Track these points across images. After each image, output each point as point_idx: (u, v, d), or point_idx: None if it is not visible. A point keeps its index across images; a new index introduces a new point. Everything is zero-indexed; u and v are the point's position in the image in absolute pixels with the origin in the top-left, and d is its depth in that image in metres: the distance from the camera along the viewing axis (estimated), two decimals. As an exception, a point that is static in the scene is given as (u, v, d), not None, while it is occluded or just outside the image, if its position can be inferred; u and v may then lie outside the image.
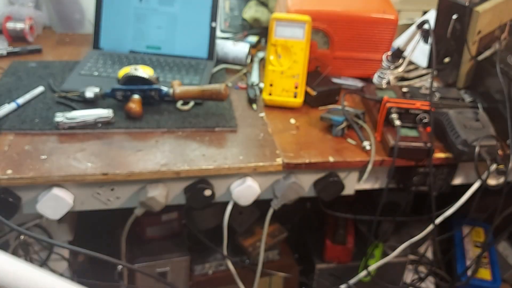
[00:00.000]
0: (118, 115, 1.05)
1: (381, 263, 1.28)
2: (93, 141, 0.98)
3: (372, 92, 1.16)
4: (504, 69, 1.09)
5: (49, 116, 1.02)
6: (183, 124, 1.04)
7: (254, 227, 1.40)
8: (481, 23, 1.12)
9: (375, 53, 1.22)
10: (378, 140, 1.06)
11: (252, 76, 1.26)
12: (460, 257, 1.58)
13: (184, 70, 1.23)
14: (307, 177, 1.03)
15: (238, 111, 1.12)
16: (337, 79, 1.25)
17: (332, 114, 1.07)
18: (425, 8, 1.52)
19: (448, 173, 1.09)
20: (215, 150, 0.98)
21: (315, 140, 1.05)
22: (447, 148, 1.05)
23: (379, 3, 1.21)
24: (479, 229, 1.67)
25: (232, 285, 1.36)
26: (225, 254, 1.16)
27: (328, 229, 1.43)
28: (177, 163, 0.93)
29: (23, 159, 0.91)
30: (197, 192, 0.96)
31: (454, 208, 1.11)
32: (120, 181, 0.93)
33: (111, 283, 1.35)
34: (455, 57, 1.18)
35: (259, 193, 1.00)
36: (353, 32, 1.19)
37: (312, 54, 1.20)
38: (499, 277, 1.56)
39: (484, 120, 1.04)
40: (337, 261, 1.42)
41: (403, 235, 1.44)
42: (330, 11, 1.17)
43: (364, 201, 1.50)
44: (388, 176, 1.04)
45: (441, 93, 1.16)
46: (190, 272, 1.31)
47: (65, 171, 0.89)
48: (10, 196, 0.90)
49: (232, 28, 1.48)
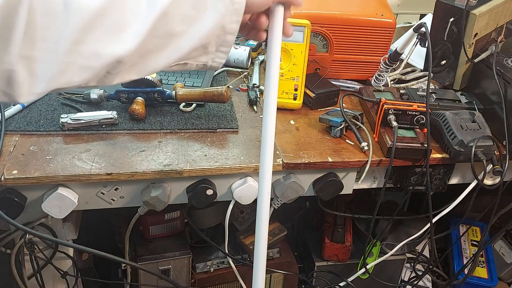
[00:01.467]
0: (122, 116, 1.06)
1: (379, 261, 1.30)
2: (98, 142, 0.99)
3: (370, 94, 1.17)
4: (500, 71, 1.10)
5: (54, 117, 1.04)
6: (185, 125, 1.06)
7: (254, 226, 1.41)
8: (477, 26, 1.13)
9: (373, 55, 1.24)
10: (376, 141, 1.07)
11: (253, 79, 1.27)
12: (457, 255, 1.59)
13: (186, 72, 1.25)
14: (306, 177, 1.05)
15: (239, 112, 1.14)
16: (336, 81, 1.26)
17: (331, 116, 1.09)
18: (422, 11, 1.53)
19: (445, 173, 1.10)
20: (217, 150, 1.00)
21: (314, 140, 1.06)
22: (443, 148, 1.06)
23: (377, 7, 1.22)
24: (475, 228, 1.68)
25: (233, 282, 1.38)
26: (226, 252, 1.18)
27: (327, 228, 1.44)
28: (179, 163, 0.95)
29: (28, 159, 0.92)
30: (199, 191, 0.97)
31: (451, 207, 1.12)
32: (124, 181, 0.95)
33: (115, 281, 1.37)
34: (452, 60, 1.19)
35: (259, 193, 1.02)
36: (352, 35, 1.20)
37: (311, 57, 1.22)
38: (495, 275, 1.57)
39: (480, 121, 1.05)
40: (336, 259, 1.44)
41: (401, 233, 1.46)
42: (329, 15, 1.18)
43: (362, 200, 1.52)
44: (386, 176, 1.05)
45: (438, 94, 1.18)
46: (192, 270, 1.32)
47: (70, 171, 0.90)
48: (15, 195, 0.91)
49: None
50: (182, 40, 0.62)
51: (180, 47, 0.63)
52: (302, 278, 1.47)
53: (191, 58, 0.66)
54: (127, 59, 0.59)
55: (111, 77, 0.60)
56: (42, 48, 0.53)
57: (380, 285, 1.38)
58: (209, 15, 0.62)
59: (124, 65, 0.59)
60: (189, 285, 1.33)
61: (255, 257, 0.76)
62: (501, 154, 1.05)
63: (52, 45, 0.54)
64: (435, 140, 1.09)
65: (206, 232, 1.36)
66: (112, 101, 1.11)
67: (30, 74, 0.54)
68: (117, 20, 0.56)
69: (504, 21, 1.24)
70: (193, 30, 0.62)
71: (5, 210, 0.87)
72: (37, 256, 1.05)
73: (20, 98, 0.55)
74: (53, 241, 1.04)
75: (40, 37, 0.53)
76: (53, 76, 0.55)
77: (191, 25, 0.62)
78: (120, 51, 0.57)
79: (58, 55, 0.54)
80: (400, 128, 1.04)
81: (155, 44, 0.60)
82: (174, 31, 0.61)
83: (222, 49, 0.67)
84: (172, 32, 0.61)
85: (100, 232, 1.38)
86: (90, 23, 0.54)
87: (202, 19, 0.62)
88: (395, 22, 1.20)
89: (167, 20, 0.59)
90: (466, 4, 1.10)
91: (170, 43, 0.62)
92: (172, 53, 0.63)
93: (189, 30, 0.62)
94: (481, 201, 1.21)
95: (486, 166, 1.02)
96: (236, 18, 0.65)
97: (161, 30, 0.60)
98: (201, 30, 0.63)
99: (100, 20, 0.55)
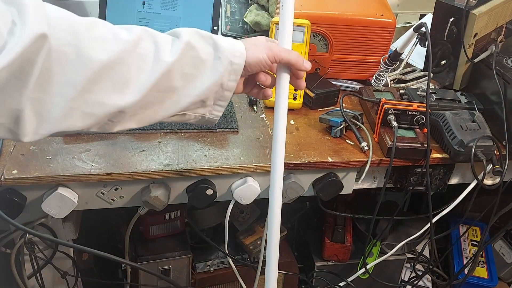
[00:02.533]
0: (121, 116, 1.06)
1: (379, 261, 1.30)
2: (97, 142, 0.99)
3: (370, 94, 1.17)
4: (500, 71, 1.10)
5: (54, 117, 1.04)
6: (185, 125, 1.05)
7: (254, 226, 1.42)
8: (477, 26, 1.13)
9: (373, 55, 1.24)
10: (375, 141, 1.07)
11: (253, 78, 1.27)
12: (457, 255, 1.59)
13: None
14: (306, 177, 1.05)
15: (239, 112, 1.14)
16: (336, 81, 1.26)
17: (330, 116, 1.09)
18: (422, 11, 1.53)
19: (445, 173, 1.10)
20: (217, 150, 1.00)
21: (314, 141, 1.06)
22: (443, 148, 1.06)
23: (377, 7, 1.23)
24: (475, 228, 1.69)
25: (233, 282, 1.38)
26: (226, 252, 1.18)
27: (327, 228, 1.45)
28: (179, 163, 0.95)
29: (28, 159, 0.92)
30: (199, 191, 0.97)
31: (451, 207, 1.12)
32: (123, 180, 0.95)
33: (115, 281, 1.37)
34: (452, 60, 1.19)
35: (259, 193, 1.02)
36: (352, 35, 1.20)
37: (311, 57, 1.22)
38: (495, 275, 1.57)
39: (480, 121, 1.05)
40: (336, 259, 1.44)
41: (401, 233, 1.46)
42: (329, 15, 1.18)
43: (362, 200, 1.52)
44: (386, 176, 1.05)
45: (438, 94, 1.18)
46: (192, 270, 1.33)
47: (70, 171, 0.90)
48: (15, 195, 0.91)
49: (233, 31, 1.49)
50: (182, 95, 0.66)
51: (179, 101, 0.67)
52: (302, 278, 1.47)
53: (189, 109, 0.70)
54: (129, 110, 0.62)
55: (112, 125, 0.64)
56: (52, 92, 0.56)
57: (380, 285, 1.38)
58: (208, 74, 0.67)
59: (126, 115, 0.63)
60: (189, 285, 1.33)
61: (268, 253, 0.85)
62: (501, 154, 1.05)
63: (61, 90, 0.57)
64: (435, 140, 1.09)
65: (206, 232, 1.36)
66: (112, 101, 1.11)
67: (36, 115, 0.57)
68: (123, 74, 0.60)
69: (504, 21, 1.24)
70: (193, 87, 0.67)
71: (5, 210, 0.87)
72: (37, 256, 1.05)
73: (25, 137, 0.58)
74: (53, 241, 1.04)
75: (52, 82, 0.56)
76: (57, 119, 0.58)
77: (191, 82, 0.66)
78: (123, 102, 0.61)
79: (65, 100, 0.57)
80: (400, 128, 1.04)
81: (156, 97, 0.64)
82: (174, 86, 0.65)
83: (219, 103, 0.72)
84: (173, 88, 0.65)
85: (100, 232, 1.38)
86: (98, 75, 0.58)
87: (201, 77, 0.67)
88: (395, 22, 1.20)
89: (169, 76, 0.63)
90: (466, 4, 1.10)
91: (170, 97, 0.66)
92: (172, 106, 0.67)
93: (189, 86, 0.66)
94: (481, 201, 1.20)
95: (486, 166, 1.02)
96: (234, 77, 0.69)
97: (163, 85, 0.64)
98: (200, 87, 0.67)
99: (107, 73, 0.59)
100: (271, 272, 0.82)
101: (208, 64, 0.67)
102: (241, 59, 0.68)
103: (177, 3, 1.28)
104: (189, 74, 0.66)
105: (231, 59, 0.67)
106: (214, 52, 0.67)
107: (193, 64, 0.66)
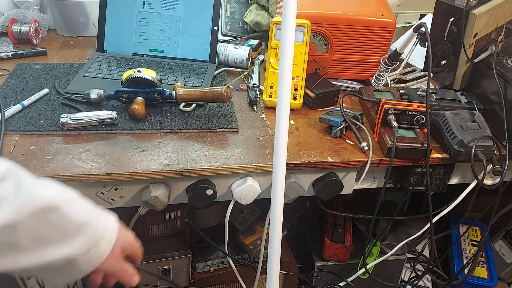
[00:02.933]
0: (122, 116, 1.06)
1: (379, 261, 1.30)
2: (98, 142, 0.99)
3: (370, 94, 1.17)
4: (500, 71, 1.10)
5: (54, 117, 1.04)
6: (185, 125, 1.06)
7: (254, 226, 1.42)
8: (477, 26, 1.13)
9: (373, 55, 1.24)
10: (376, 140, 1.07)
11: (253, 79, 1.27)
12: (457, 255, 1.59)
13: (187, 72, 1.25)
14: (306, 176, 1.05)
15: (239, 112, 1.14)
16: (336, 81, 1.26)
17: (330, 116, 1.09)
18: (422, 11, 1.53)
19: (445, 173, 1.10)
20: (217, 150, 1.00)
21: (314, 140, 1.06)
22: (443, 148, 1.06)
23: (377, 7, 1.23)
24: (475, 228, 1.69)
25: (233, 282, 1.38)
26: (226, 252, 1.18)
27: (327, 228, 1.45)
28: (179, 163, 0.95)
29: (28, 159, 0.92)
30: (199, 191, 0.97)
31: (451, 207, 1.12)
32: (124, 180, 0.95)
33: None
34: (452, 59, 1.19)
35: (259, 193, 1.02)
36: (352, 35, 1.20)
37: (311, 57, 1.22)
38: (495, 275, 1.57)
39: (480, 121, 1.05)
40: (336, 259, 1.44)
41: (401, 233, 1.46)
42: (329, 15, 1.18)
43: (362, 200, 1.52)
44: (386, 176, 1.05)
45: (438, 94, 1.18)
46: (192, 270, 1.33)
47: (70, 171, 0.90)
48: (16, 195, 0.91)
49: (233, 31, 1.49)
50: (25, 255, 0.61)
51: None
52: (302, 278, 1.47)
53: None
54: None
55: None
56: None
57: (380, 285, 1.39)
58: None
59: None
60: (189, 285, 1.33)
61: (270, 251, 0.87)
62: (501, 154, 1.05)
63: None
64: (435, 140, 1.09)
65: (206, 232, 1.36)
66: (112, 101, 1.11)
67: None
68: None
69: (504, 21, 1.24)
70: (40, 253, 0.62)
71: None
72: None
73: None
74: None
75: None
76: None
77: (41, 247, 0.62)
78: None
79: None
80: (400, 128, 1.04)
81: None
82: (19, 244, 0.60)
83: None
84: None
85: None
86: None
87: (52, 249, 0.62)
88: (395, 22, 1.20)
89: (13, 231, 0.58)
90: (466, 4, 1.10)
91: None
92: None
93: (36, 251, 0.62)
94: (481, 201, 1.20)
95: (486, 166, 1.02)
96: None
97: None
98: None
99: None
100: (272, 270, 0.82)
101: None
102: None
103: (177, 3, 1.28)
104: (41, 237, 0.61)
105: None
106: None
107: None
